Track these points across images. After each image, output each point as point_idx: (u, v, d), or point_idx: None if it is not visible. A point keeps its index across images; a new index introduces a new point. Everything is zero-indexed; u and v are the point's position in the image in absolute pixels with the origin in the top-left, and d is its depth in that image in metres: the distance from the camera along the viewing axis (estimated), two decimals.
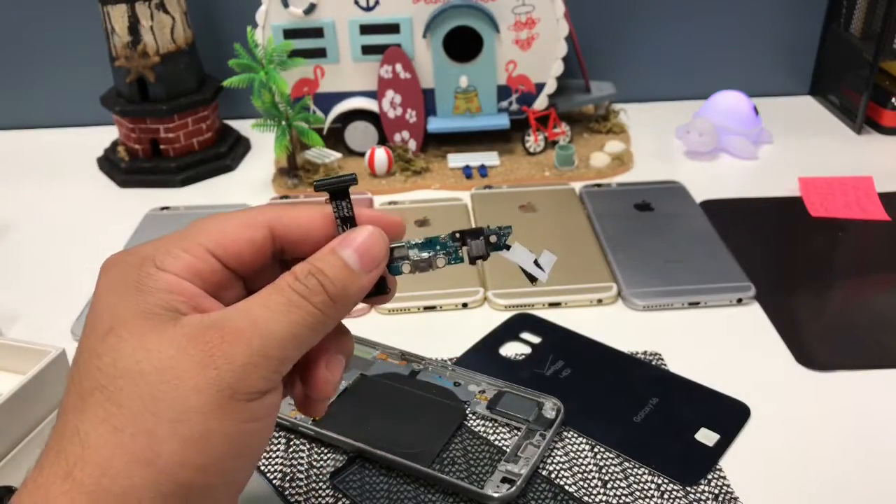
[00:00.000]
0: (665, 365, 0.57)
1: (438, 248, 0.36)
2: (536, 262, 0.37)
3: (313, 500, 0.48)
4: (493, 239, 0.36)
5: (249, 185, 0.87)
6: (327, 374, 0.35)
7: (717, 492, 0.47)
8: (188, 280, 0.32)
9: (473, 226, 0.35)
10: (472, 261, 0.36)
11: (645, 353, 0.58)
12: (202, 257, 0.32)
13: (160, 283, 0.31)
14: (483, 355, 0.59)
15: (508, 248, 0.36)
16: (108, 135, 0.95)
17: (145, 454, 0.27)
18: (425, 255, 0.36)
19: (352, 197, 0.34)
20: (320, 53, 0.86)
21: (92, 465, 0.27)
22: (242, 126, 0.96)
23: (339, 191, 0.34)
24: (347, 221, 0.35)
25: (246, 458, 0.30)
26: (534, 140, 0.88)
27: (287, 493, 0.48)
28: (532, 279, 0.37)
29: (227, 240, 0.33)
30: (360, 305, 0.36)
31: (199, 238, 0.33)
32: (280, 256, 0.35)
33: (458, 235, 0.36)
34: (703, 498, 0.47)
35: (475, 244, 0.36)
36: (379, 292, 0.35)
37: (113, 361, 0.28)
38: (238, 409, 0.28)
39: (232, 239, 0.33)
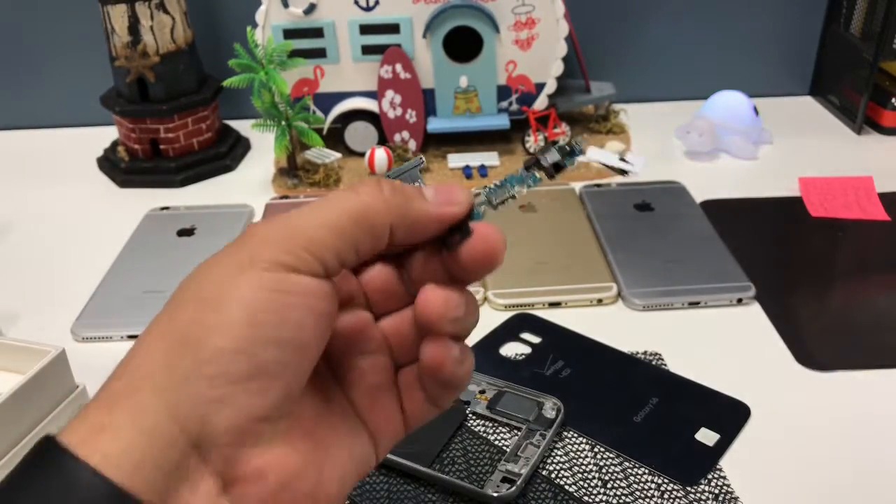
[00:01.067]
0: (665, 365, 0.57)
1: (515, 182, 0.34)
2: (622, 159, 0.36)
3: None
4: (566, 147, 0.34)
5: (249, 185, 0.87)
6: (438, 291, 0.31)
7: (717, 492, 0.47)
8: None
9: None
10: (551, 173, 0.34)
11: (645, 352, 0.58)
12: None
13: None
14: (483, 355, 0.59)
15: (583, 152, 0.34)
16: (108, 135, 0.95)
17: (163, 323, 0.28)
18: (503, 189, 0.33)
19: None
20: (320, 53, 0.86)
21: (127, 364, 0.27)
22: (242, 126, 0.96)
23: (409, 178, 0.33)
24: None
25: (267, 330, 0.27)
26: (534, 140, 0.88)
27: None
28: (622, 172, 0.36)
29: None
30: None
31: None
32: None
33: (527, 164, 0.35)
34: (703, 498, 0.47)
35: (548, 155, 0.34)
36: (462, 234, 0.32)
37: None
38: (257, 276, 0.27)
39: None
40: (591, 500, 0.47)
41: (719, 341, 0.60)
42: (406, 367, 0.33)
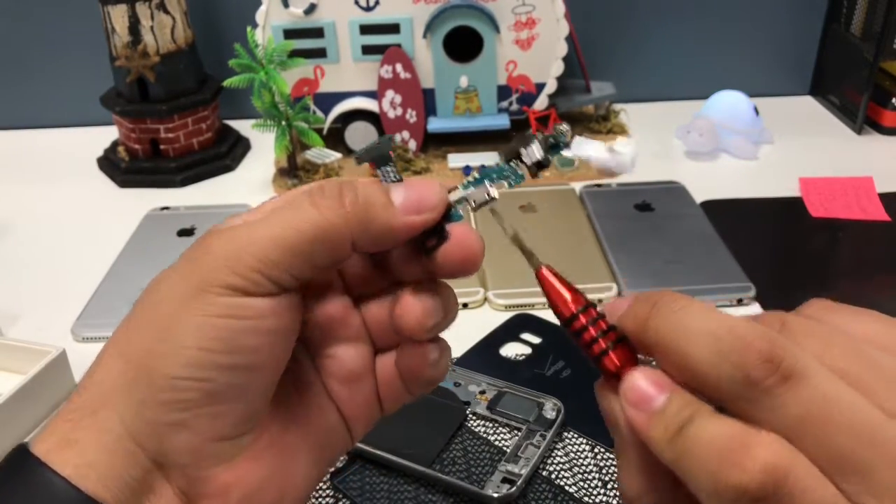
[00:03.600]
0: None
1: (495, 176, 0.31)
2: (611, 150, 0.34)
3: (313, 500, 0.48)
4: (549, 139, 0.31)
5: (249, 186, 0.87)
6: (415, 302, 0.30)
7: None
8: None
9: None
10: (535, 171, 0.31)
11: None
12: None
13: None
14: (483, 355, 0.59)
15: (568, 145, 0.32)
16: (108, 135, 0.95)
17: (121, 342, 0.28)
18: (480, 186, 0.31)
19: None
20: (320, 53, 0.86)
21: (91, 377, 0.28)
22: (242, 126, 0.96)
23: (380, 156, 0.31)
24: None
25: (220, 357, 0.27)
26: None
27: None
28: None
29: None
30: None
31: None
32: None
33: (506, 154, 0.32)
34: None
35: (530, 150, 0.31)
36: (437, 239, 0.30)
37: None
38: (208, 301, 0.26)
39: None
40: (591, 501, 0.47)
41: None
42: (385, 353, 0.33)
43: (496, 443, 0.51)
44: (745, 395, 0.23)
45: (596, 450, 0.51)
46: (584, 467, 0.49)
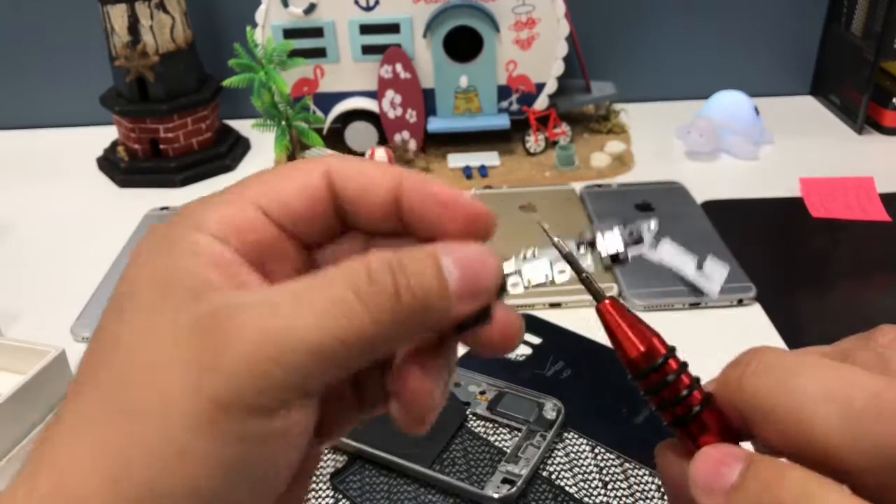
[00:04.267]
0: None
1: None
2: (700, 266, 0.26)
3: (313, 500, 0.48)
4: (632, 234, 0.27)
5: None
6: (424, 382, 0.25)
7: None
8: (226, 242, 0.24)
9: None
10: (606, 262, 0.27)
11: None
12: (246, 211, 0.25)
13: (192, 245, 0.24)
14: None
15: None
16: (107, 135, 0.95)
17: (106, 463, 0.21)
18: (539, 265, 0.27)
19: None
20: (320, 53, 0.86)
21: (53, 467, 0.22)
22: (242, 126, 0.96)
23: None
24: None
25: (244, 488, 0.22)
26: (534, 140, 0.88)
27: None
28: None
29: (275, 187, 0.25)
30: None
31: (245, 189, 0.25)
32: (343, 218, 0.27)
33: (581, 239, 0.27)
34: None
35: (606, 242, 0.27)
36: (479, 322, 0.24)
37: (107, 342, 0.23)
38: (230, 426, 0.21)
39: (280, 186, 0.25)
40: (591, 502, 0.47)
41: (720, 342, 0.60)
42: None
43: (496, 443, 0.50)
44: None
45: (596, 450, 0.51)
46: (584, 468, 0.49)
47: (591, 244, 0.27)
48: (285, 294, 0.22)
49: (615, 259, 0.26)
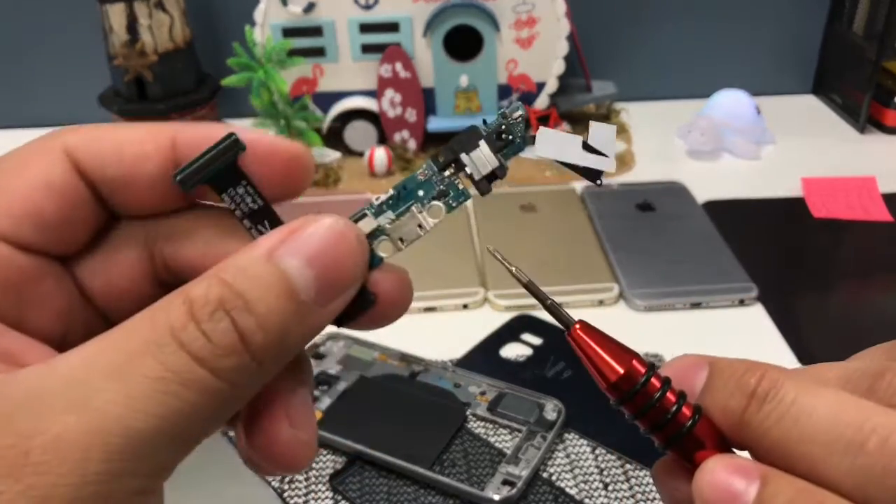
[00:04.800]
0: None
1: (422, 192, 0.22)
2: (587, 146, 0.22)
3: (313, 502, 0.47)
4: (503, 135, 0.22)
5: None
6: (295, 434, 0.20)
7: None
8: None
9: (475, 229, 0.20)
10: (483, 187, 0.22)
11: (646, 354, 0.58)
12: None
13: None
14: (484, 356, 0.58)
15: (524, 139, 0.22)
16: None
17: None
18: (406, 214, 0.22)
19: (347, 199, 0.25)
20: (319, 52, 0.85)
21: None
22: (241, 125, 0.96)
23: (222, 173, 0.20)
24: (260, 216, 0.21)
25: None
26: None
27: (286, 495, 0.48)
28: (592, 176, 0.22)
29: (4, 196, 0.19)
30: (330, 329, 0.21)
31: None
32: (105, 205, 0.21)
33: (441, 159, 0.22)
34: None
35: (477, 157, 0.22)
36: (359, 308, 0.21)
37: None
38: None
39: (10, 189, 0.19)
40: (592, 503, 0.47)
41: (721, 342, 0.60)
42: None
43: (496, 444, 0.50)
44: None
45: (597, 451, 0.50)
46: (585, 469, 0.49)
47: (457, 166, 0.22)
48: (92, 377, 0.16)
49: (493, 177, 0.22)
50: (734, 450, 0.21)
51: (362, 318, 0.21)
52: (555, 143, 0.22)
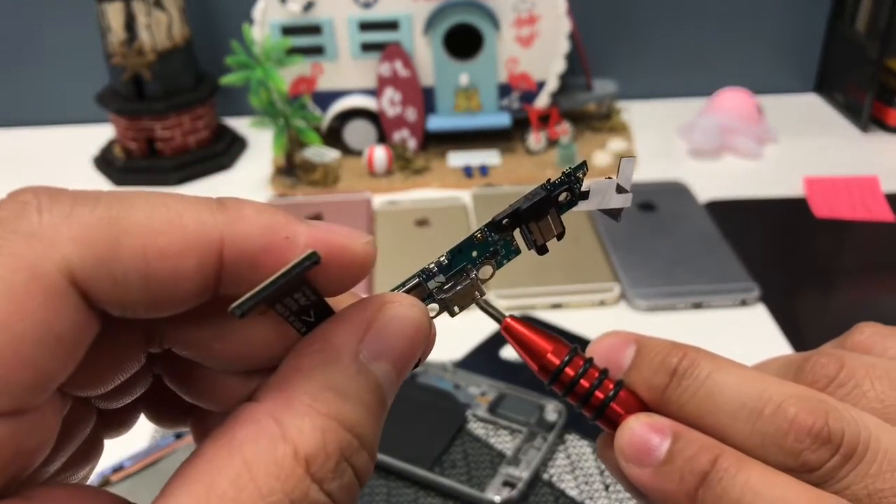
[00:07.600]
0: None
1: (475, 254, 0.22)
2: (619, 188, 0.24)
3: None
4: (562, 197, 0.23)
5: (247, 184, 0.86)
6: None
7: None
8: None
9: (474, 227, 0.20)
10: (542, 250, 0.24)
11: None
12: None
13: None
14: (484, 358, 0.58)
15: (586, 196, 0.24)
16: (104, 133, 0.94)
17: None
18: (465, 285, 0.22)
19: (347, 198, 0.23)
20: (319, 51, 0.85)
21: None
22: (240, 124, 0.95)
23: (284, 291, 0.18)
24: (307, 309, 0.18)
25: None
26: (535, 139, 0.87)
27: None
28: (615, 214, 0.25)
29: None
30: None
31: None
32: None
33: (504, 222, 0.23)
34: None
35: (544, 225, 0.23)
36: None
37: None
38: None
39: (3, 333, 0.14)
40: None
41: (723, 343, 0.59)
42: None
43: (497, 445, 0.50)
44: (802, 477, 0.20)
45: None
46: (585, 470, 0.48)
47: (525, 224, 0.23)
48: None
49: (542, 249, 0.24)
50: None
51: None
52: (599, 195, 0.24)
